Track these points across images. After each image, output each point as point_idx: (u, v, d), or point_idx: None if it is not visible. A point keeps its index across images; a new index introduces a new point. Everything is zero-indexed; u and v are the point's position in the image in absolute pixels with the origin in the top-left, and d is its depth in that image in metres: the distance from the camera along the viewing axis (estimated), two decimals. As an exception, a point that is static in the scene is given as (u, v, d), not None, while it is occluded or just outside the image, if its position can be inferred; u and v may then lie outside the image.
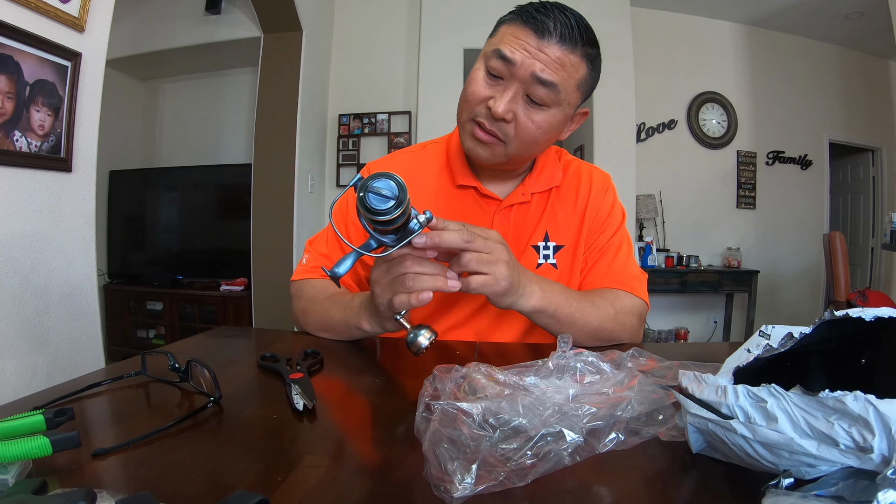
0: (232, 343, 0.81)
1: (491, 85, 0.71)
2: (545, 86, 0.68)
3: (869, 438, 0.26)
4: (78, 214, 1.43)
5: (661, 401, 0.42)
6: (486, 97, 0.71)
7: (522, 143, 0.72)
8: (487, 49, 0.72)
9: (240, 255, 3.34)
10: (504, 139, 0.72)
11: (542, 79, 0.67)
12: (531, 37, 0.67)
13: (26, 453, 0.32)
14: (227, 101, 3.91)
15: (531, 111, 0.70)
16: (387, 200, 0.47)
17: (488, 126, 0.72)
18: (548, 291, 0.67)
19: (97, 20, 1.44)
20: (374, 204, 0.47)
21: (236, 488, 0.29)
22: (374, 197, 0.47)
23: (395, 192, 0.47)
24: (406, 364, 0.68)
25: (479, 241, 0.58)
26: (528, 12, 0.69)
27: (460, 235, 0.56)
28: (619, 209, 0.90)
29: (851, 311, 0.36)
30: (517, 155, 0.75)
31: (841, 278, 2.72)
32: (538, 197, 0.85)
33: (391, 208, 0.47)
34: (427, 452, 0.35)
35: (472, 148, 0.75)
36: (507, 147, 0.73)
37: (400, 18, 3.56)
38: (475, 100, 0.72)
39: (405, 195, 0.48)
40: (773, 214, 4.20)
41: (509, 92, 0.69)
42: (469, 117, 0.74)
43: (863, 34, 4.04)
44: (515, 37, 0.68)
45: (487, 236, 0.60)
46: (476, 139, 0.74)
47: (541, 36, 0.67)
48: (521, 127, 0.71)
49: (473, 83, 0.72)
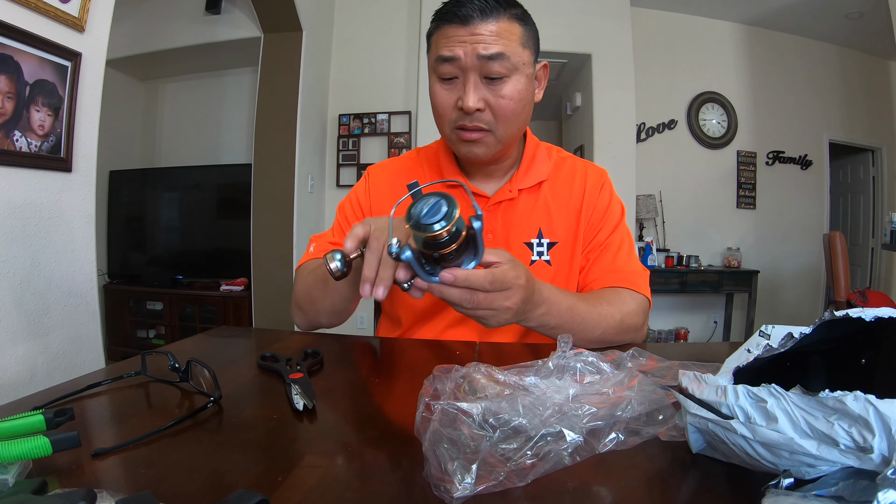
0: (232, 343, 0.81)
1: (450, 89, 0.74)
2: (494, 59, 0.70)
3: (869, 438, 0.26)
4: (78, 214, 1.43)
5: (661, 401, 0.42)
6: (453, 102, 0.74)
7: (506, 121, 0.75)
8: (431, 62, 0.75)
9: (240, 255, 3.33)
10: (489, 127, 0.75)
11: (487, 55, 0.70)
12: (458, 29, 0.70)
13: (26, 453, 0.32)
14: (227, 101, 3.91)
15: (496, 88, 0.72)
16: (437, 216, 0.48)
17: (470, 124, 0.74)
18: (553, 315, 0.67)
19: (97, 20, 1.44)
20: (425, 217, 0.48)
21: (236, 488, 0.29)
22: (427, 212, 0.48)
23: (444, 212, 0.48)
24: (406, 364, 0.68)
25: (481, 298, 0.56)
26: (444, 12, 0.72)
27: (461, 296, 0.55)
28: (618, 204, 0.90)
29: (851, 311, 0.36)
30: (507, 135, 0.77)
31: (841, 278, 2.72)
32: (526, 193, 0.86)
33: (441, 225, 0.47)
34: (427, 452, 0.35)
35: (468, 150, 0.77)
36: (496, 132, 0.75)
37: (400, 18, 3.56)
38: (445, 109, 0.75)
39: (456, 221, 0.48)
40: (773, 214, 4.20)
41: (469, 84, 0.72)
42: (451, 127, 0.76)
43: (863, 34, 4.04)
44: (446, 37, 0.72)
45: (503, 282, 0.56)
46: (467, 141, 0.76)
47: (465, 23, 0.70)
48: (497, 107, 0.73)
49: (436, 97, 0.75)
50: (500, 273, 0.56)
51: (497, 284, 0.56)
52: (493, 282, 0.55)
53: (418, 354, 0.72)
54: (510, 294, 0.57)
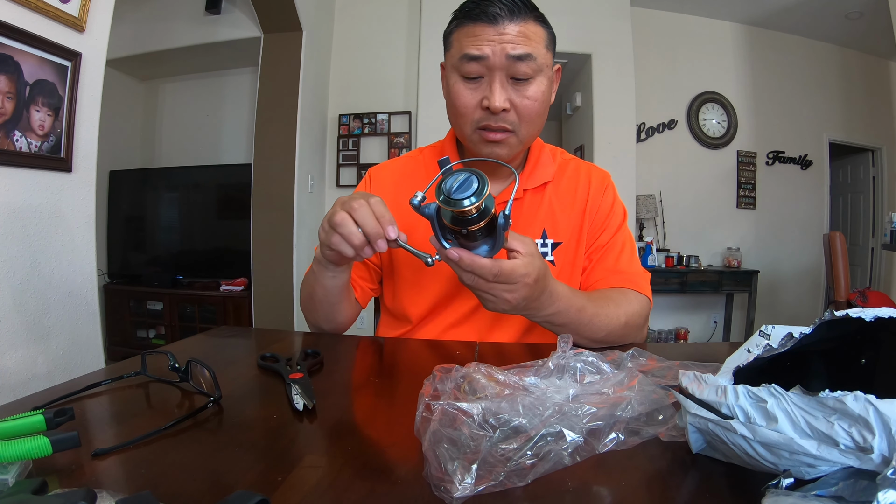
0: (232, 343, 0.81)
1: (473, 88, 0.73)
2: (522, 60, 0.70)
3: (869, 438, 0.26)
4: (78, 214, 1.43)
5: (661, 401, 0.42)
6: (477, 101, 0.73)
7: (528, 122, 0.75)
8: (452, 61, 0.74)
9: (240, 255, 3.33)
10: (513, 128, 0.74)
11: (516, 55, 0.69)
12: (486, 28, 0.70)
13: (26, 453, 0.32)
14: (227, 101, 3.91)
15: (522, 89, 0.72)
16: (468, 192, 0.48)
17: (495, 125, 0.73)
18: (563, 315, 0.67)
19: (97, 20, 1.44)
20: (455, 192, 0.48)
21: (236, 488, 0.29)
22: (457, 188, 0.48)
23: (476, 189, 0.48)
24: (406, 364, 0.68)
25: (482, 283, 0.57)
26: (469, 10, 0.71)
27: (464, 274, 0.56)
28: (621, 207, 0.90)
29: (851, 311, 0.36)
30: (529, 136, 0.77)
31: (841, 278, 2.72)
32: (532, 193, 0.86)
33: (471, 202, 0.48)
34: (427, 452, 0.35)
35: (491, 151, 0.77)
36: (518, 133, 0.75)
37: (400, 18, 3.56)
38: (468, 109, 0.74)
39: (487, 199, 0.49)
40: (773, 214, 4.20)
41: (496, 83, 0.71)
42: (472, 128, 0.75)
43: (863, 34, 4.04)
44: (472, 35, 0.70)
45: (509, 276, 0.57)
46: (491, 142, 0.75)
47: (494, 22, 0.69)
48: (521, 108, 0.73)
49: (458, 95, 0.74)
50: (508, 267, 0.56)
51: (502, 278, 0.56)
52: (499, 275, 0.56)
53: (418, 354, 0.72)
54: (513, 289, 0.58)
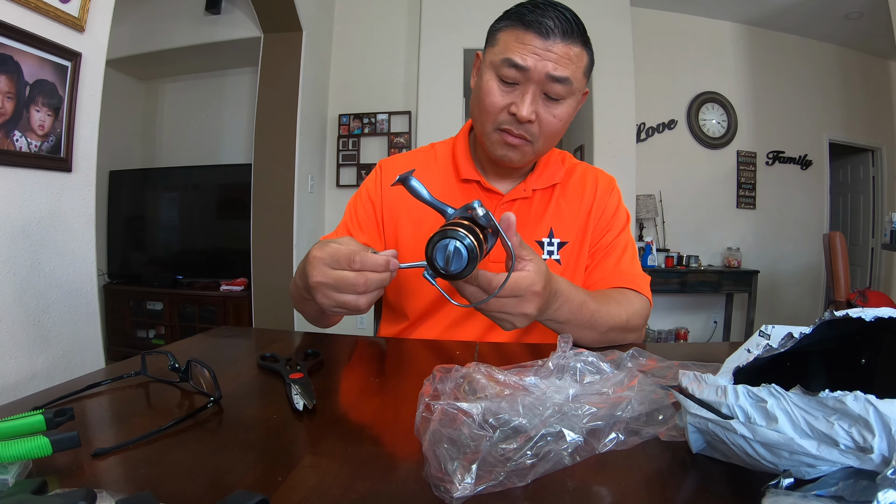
0: (232, 343, 0.81)
1: (506, 92, 0.74)
2: (559, 82, 0.71)
3: (869, 438, 0.26)
4: (78, 214, 1.43)
5: (661, 401, 0.42)
6: (505, 105, 0.74)
7: (548, 137, 0.76)
8: (494, 59, 0.74)
9: (240, 255, 3.33)
10: (531, 139, 0.76)
11: (556, 76, 0.70)
12: (536, 39, 0.70)
13: (26, 453, 0.32)
14: (227, 101, 3.91)
15: (551, 107, 0.74)
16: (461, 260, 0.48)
17: (516, 131, 0.75)
18: (564, 311, 0.67)
19: (97, 20, 1.44)
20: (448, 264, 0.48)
21: (236, 488, 0.29)
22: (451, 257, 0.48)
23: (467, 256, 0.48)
24: (406, 364, 0.68)
25: (499, 303, 0.56)
26: (526, 15, 0.71)
27: (474, 294, 0.55)
28: (624, 211, 0.92)
29: (851, 311, 0.36)
30: (543, 149, 0.79)
31: (841, 278, 2.72)
32: (540, 193, 0.87)
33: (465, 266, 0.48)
34: (427, 452, 0.35)
35: (505, 154, 0.78)
36: (535, 145, 0.77)
37: (400, 18, 3.56)
38: (495, 109, 0.75)
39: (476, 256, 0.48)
40: (773, 214, 4.20)
41: (528, 95, 0.72)
42: (493, 127, 0.76)
43: (863, 34, 4.04)
44: (521, 42, 0.70)
45: (513, 291, 0.55)
46: (507, 145, 0.77)
47: (545, 36, 0.69)
48: (545, 123, 0.74)
49: (490, 94, 0.74)
50: (511, 280, 0.54)
51: (507, 291, 0.55)
52: (514, 289, 0.55)
53: (418, 354, 0.72)
54: (523, 301, 0.56)
